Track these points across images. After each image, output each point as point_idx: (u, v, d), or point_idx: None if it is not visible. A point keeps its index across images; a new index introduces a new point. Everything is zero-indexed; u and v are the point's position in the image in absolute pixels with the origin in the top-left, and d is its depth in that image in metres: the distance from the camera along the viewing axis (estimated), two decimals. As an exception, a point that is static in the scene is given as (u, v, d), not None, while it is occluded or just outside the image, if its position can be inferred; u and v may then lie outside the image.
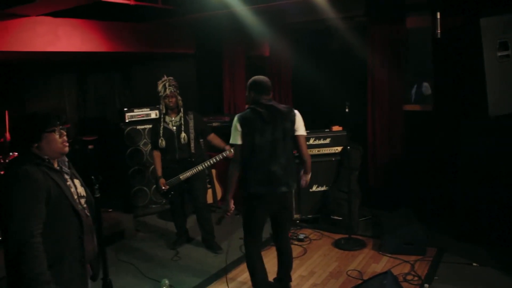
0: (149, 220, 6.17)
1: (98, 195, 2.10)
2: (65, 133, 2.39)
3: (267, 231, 5.45)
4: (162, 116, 4.92)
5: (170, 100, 4.81)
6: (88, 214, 2.47)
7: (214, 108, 7.44)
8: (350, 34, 6.00)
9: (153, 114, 6.30)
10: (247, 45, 7.06)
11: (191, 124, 4.88)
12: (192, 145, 4.86)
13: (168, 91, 4.77)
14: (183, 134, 4.82)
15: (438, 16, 4.82)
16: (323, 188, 5.78)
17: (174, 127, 4.87)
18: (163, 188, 4.84)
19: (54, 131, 2.33)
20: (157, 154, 4.95)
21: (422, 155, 5.67)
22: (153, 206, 6.42)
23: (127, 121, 6.21)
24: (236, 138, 3.62)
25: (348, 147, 5.36)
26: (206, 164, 4.86)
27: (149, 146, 6.22)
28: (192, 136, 4.86)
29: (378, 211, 5.81)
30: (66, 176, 2.40)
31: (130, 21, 6.24)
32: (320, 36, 6.68)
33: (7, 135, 5.66)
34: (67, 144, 2.40)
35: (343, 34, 6.08)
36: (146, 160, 6.28)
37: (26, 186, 2.16)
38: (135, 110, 6.27)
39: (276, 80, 6.66)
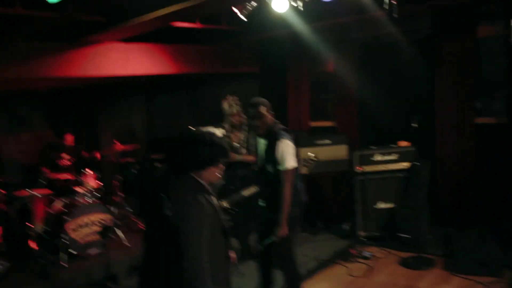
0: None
1: (170, 214, 2.15)
2: (222, 167, 2.40)
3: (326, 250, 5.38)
4: (226, 134, 5.02)
5: (235, 118, 4.92)
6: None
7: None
8: (417, 47, 5.84)
9: (218, 132, 6.40)
10: (310, 62, 7.05)
11: (253, 142, 4.94)
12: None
13: (234, 110, 4.92)
14: (244, 151, 4.98)
15: None
16: (389, 205, 5.60)
17: (238, 144, 5.01)
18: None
19: (220, 166, 2.37)
20: None
21: (496, 170, 5.36)
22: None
23: (193, 139, 6.36)
24: (294, 160, 3.61)
25: (416, 163, 5.18)
26: None
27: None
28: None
29: (449, 229, 5.51)
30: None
31: (196, 43, 6.46)
32: (385, 50, 6.56)
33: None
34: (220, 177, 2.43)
35: (409, 47, 5.93)
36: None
37: (202, 217, 2.21)
38: (200, 129, 6.43)
39: (340, 96, 6.59)
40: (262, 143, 3.79)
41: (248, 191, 4.85)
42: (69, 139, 6.01)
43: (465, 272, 4.42)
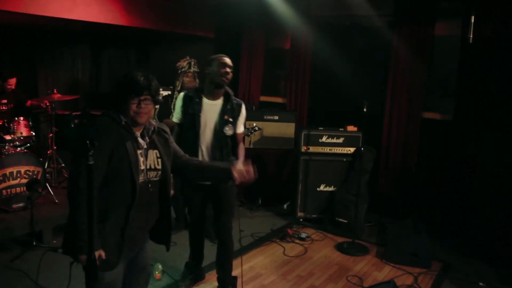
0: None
1: (91, 162, 1.96)
2: (143, 106, 2.30)
3: (264, 227, 5.34)
4: (174, 92, 4.81)
5: (189, 79, 4.71)
6: (151, 188, 2.39)
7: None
8: (376, 33, 5.78)
9: (165, 94, 6.15)
10: (268, 36, 6.87)
11: None
12: None
13: (192, 69, 4.74)
14: None
15: (472, 20, 4.60)
16: (331, 189, 5.61)
17: None
18: None
19: (132, 99, 2.28)
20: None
21: (436, 165, 5.48)
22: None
23: (138, 99, 6.06)
24: None
25: (361, 149, 5.18)
26: None
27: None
28: None
29: (385, 218, 5.62)
30: (142, 144, 2.36)
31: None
32: (344, 33, 6.47)
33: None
34: (144, 115, 2.31)
35: (368, 33, 5.87)
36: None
37: (94, 134, 2.15)
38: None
39: (294, 74, 6.48)
40: (210, 103, 3.52)
41: None
42: (12, 82, 5.55)
43: (397, 262, 4.49)
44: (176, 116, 3.61)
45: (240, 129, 3.66)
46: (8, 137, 4.98)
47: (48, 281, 3.76)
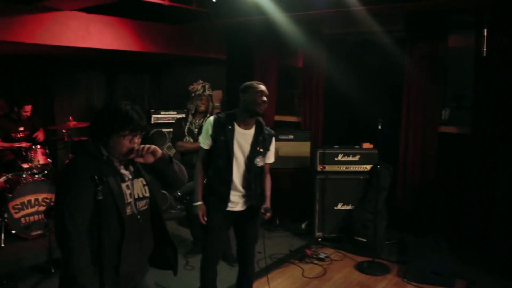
0: (167, 226, 6.01)
1: (100, 198, 1.96)
2: (136, 142, 2.26)
3: (282, 248, 5.28)
4: (188, 115, 4.83)
5: (203, 103, 4.76)
6: (141, 220, 2.33)
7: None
8: (388, 49, 5.75)
9: (180, 117, 6.20)
10: (280, 54, 6.88)
11: None
12: None
13: (207, 93, 4.75)
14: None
15: (485, 33, 4.56)
16: (349, 207, 5.54)
17: (196, 130, 4.81)
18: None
19: (125, 136, 2.21)
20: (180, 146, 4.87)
21: (456, 180, 5.37)
22: (173, 211, 6.29)
23: (152, 123, 6.12)
24: None
25: (378, 166, 5.11)
26: None
27: (173, 150, 6.12)
28: None
29: (406, 235, 5.51)
30: (126, 175, 2.29)
31: (162, 22, 6.17)
32: (356, 50, 6.47)
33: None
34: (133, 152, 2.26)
35: (381, 49, 5.84)
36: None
37: (72, 178, 2.14)
38: (161, 113, 6.20)
39: (307, 93, 6.46)
40: (242, 132, 3.37)
41: None
42: (28, 109, 5.63)
43: (418, 280, 4.39)
44: (205, 142, 3.41)
45: (270, 159, 3.57)
46: (25, 166, 5.04)
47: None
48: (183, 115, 5.08)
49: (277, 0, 4.75)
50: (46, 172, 5.25)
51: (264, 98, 3.31)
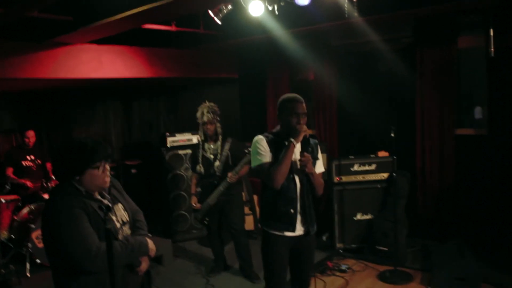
0: (188, 246, 6.08)
1: (109, 226, 2.00)
2: (108, 168, 2.29)
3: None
4: (201, 143, 4.84)
5: (208, 127, 4.70)
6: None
7: (258, 133, 7.31)
8: (397, 56, 5.74)
9: (195, 139, 6.30)
10: (291, 69, 6.94)
11: (226, 152, 4.78)
12: (220, 169, 4.75)
13: (205, 118, 4.64)
14: (217, 163, 4.75)
15: (491, 34, 4.52)
16: (368, 217, 5.49)
17: (212, 155, 4.79)
18: (194, 205, 4.84)
19: (98, 167, 2.22)
20: (194, 176, 4.98)
21: (477, 183, 5.27)
22: (194, 231, 6.33)
23: (168, 146, 6.21)
24: None
25: (395, 174, 5.06)
26: (224, 185, 4.66)
27: (190, 172, 6.21)
28: (223, 163, 4.75)
29: (429, 242, 5.41)
30: (106, 203, 2.30)
31: (172, 47, 6.31)
32: (365, 59, 6.47)
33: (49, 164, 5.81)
34: (108, 179, 2.30)
35: (390, 56, 5.83)
36: (187, 185, 6.23)
37: (71, 217, 2.11)
38: (176, 135, 6.28)
39: (320, 104, 6.48)
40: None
41: (212, 199, 4.73)
42: (30, 135, 5.81)
43: (443, 287, 4.30)
44: (265, 155, 3.10)
45: (321, 168, 3.29)
46: (47, 196, 5.17)
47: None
48: (198, 137, 5.09)
49: (280, 18, 4.79)
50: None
51: (301, 121, 3.07)
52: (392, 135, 4.67)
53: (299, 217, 3.13)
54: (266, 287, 3.28)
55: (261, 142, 3.13)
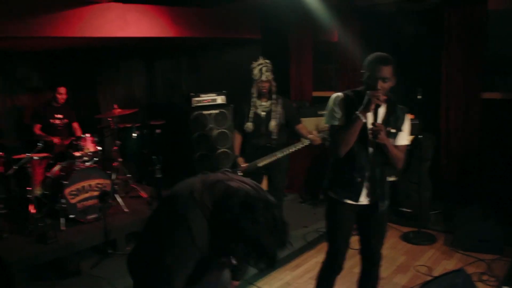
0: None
1: (159, 176, 2.06)
2: None
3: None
4: (252, 100, 4.67)
5: (264, 85, 4.54)
6: None
7: (280, 94, 7.33)
8: (425, 16, 5.65)
9: (219, 100, 6.34)
10: (314, 30, 6.86)
11: (280, 111, 4.62)
12: (276, 131, 4.58)
13: (264, 77, 4.49)
14: (272, 122, 4.56)
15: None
16: (392, 178, 5.53)
17: (264, 113, 4.61)
18: (242, 166, 4.55)
19: None
20: (238, 136, 4.73)
21: (501, 147, 5.28)
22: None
23: (193, 106, 6.26)
24: None
25: (420, 136, 5.08)
26: (285, 152, 4.50)
27: (215, 131, 6.27)
28: (279, 123, 4.58)
29: (451, 205, 5.48)
30: None
31: (196, 6, 6.25)
32: (391, 20, 6.37)
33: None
34: None
35: (416, 17, 5.74)
36: (212, 145, 6.31)
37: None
38: (201, 96, 6.31)
39: (344, 66, 6.45)
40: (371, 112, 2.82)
41: (263, 162, 4.55)
42: (62, 91, 5.92)
43: (466, 249, 4.40)
44: (335, 118, 2.93)
45: (403, 141, 3.02)
46: (77, 154, 5.29)
47: (126, 285, 3.98)
48: (223, 97, 4.99)
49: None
50: (96, 159, 5.50)
51: (378, 86, 2.77)
52: (419, 97, 4.66)
53: (365, 187, 2.97)
54: (327, 251, 3.23)
55: (335, 101, 2.93)
